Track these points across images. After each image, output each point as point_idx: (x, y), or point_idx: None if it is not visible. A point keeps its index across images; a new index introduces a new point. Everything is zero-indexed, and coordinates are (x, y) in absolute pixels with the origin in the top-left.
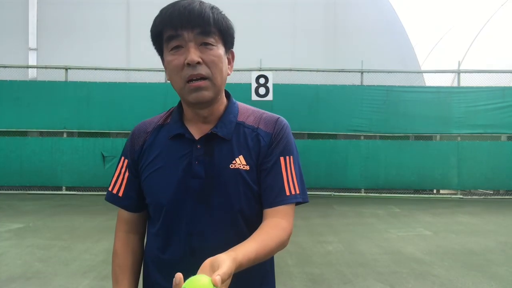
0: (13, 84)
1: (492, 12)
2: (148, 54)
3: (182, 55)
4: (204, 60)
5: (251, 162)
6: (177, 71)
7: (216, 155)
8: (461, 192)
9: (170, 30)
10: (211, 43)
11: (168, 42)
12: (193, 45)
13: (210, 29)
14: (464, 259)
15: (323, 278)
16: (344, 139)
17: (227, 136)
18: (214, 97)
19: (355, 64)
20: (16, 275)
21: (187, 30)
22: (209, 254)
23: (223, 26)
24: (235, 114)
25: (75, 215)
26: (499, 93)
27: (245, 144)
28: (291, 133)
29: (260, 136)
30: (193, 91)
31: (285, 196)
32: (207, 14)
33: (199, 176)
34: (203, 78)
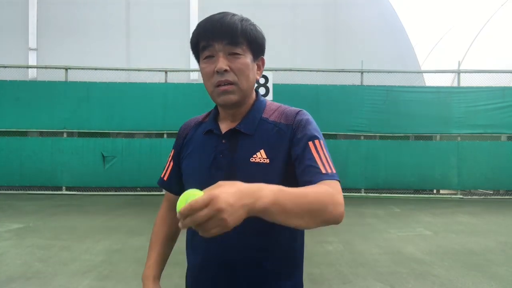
0: (13, 84)
1: (492, 12)
2: (148, 54)
3: (213, 63)
4: (231, 68)
5: (272, 155)
6: (208, 77)
7: (239, 149)
8: (461, 192)
9: (203, 41)
10: (239, 53)
11: (202, 52)
12: (222, 54)
13: (237, 40)
14: (464, 259)
15: (323, 278)
16: (344, 139)
17: (250, 132)
18: (239, 100)
19: (355, 64)
20: (16, 275)
21: (217, 41)
22: (229, 238)
23: (250, 37)
24: (260, 111)
25: (75, 215)
26: (499, 93)
27: (267, 139)
28: (314, 122)
29: (281, 130)
30: (221, 95)
31: (321, 174)
32: (235, 26)
33: (222, 168)
34: (230, 84)
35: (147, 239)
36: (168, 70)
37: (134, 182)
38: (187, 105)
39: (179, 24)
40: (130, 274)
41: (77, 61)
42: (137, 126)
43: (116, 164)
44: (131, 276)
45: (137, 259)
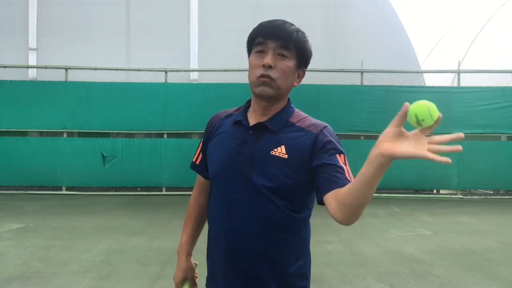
0: (13, 84)
1: (492, 12)
2: (148, 54)
3: (262, 58)
4: (276, 66)
5: (291, 153)
6: (254, 68)
7: (262, 142)
8: (461, 192)
9: (260, 37)
10: (286, 56)
11: (256, 46)
12: (272, 52)
13: (289, 45)
14: (464, 259)
15: (323, 278)
16: (344, 139)
17: (275, 129)
18: (274, 95)
19: (355, 64)
20: (16, 275)
21: (271, 40)
22: (242, 218)
23: (301, 46)
24: (289, 115)
25: (75, 215)
26: (499, 93)
27: (290, 139)
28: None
29: (306, 135)
30: (260, 85)
31: (348, 181)
32: (291, 33)
33: (244, 156)
34: (271, 79)
35: (147, 239)
36: (168, 70)
37: (134, 182)
38: (187, 105)
39: (179, 24)
40: (130, 274)
41: (77, 61)
42: (137, 126)
43: (116, 164)
44: (131, 276)
45: (137, 259)
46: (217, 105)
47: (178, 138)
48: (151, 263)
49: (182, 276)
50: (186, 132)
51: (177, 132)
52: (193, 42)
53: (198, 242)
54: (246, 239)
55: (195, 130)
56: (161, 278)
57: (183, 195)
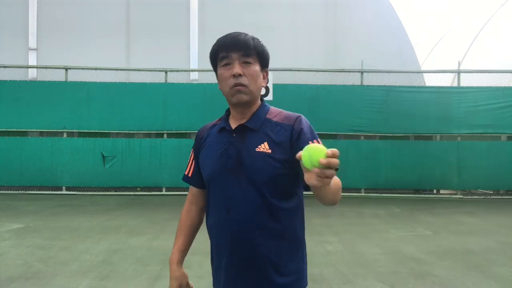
0: (13, 84)
1: (492, 12)
2: (148, 54)
3: (230, 70)
4: (244, 73)
5: (274, 147)
6: (225, 80)
7: (247, 141)
8: (461, 192)
9: (223, 52)
10: (250, 62)
11: (221, 61)
12: (238, 62)
13: (250, 52)
14: (464, 259)
15: (323, 278)
16: (344, 139)
17: (255, 128)
18: (249, 100)
19: (355, 64)
20: (16, 275)
21: (234, 52)
22: (240, 213)
23: (260, 51)
24: (265, 112)
25: (75, 215)
26: (499, 93)
27: (270, 134)
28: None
29: (282, 129)
30: (235, 94)
31: None
32: (249, 42)
33: (232, 157)
34: (243, 85)
35: (147, 239)
36: (168, 70)
37: (134, 182)
38: (187, 105)
39: (179, 24)
40: (130, 274)
41: (77, 61)
42: (137, 126)
43: (116, 164)
44: (131, 276)
45: (137, 259)
46: (217, 105)
47: (178, 138)
48: (151, 263)
49: (176, 284)
50: (186, 132)
51: (177, 132)
52: (193, 42)
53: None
54: (245, 231)
55: (195, 130)
56: (161, 278)
57: (183, 195)
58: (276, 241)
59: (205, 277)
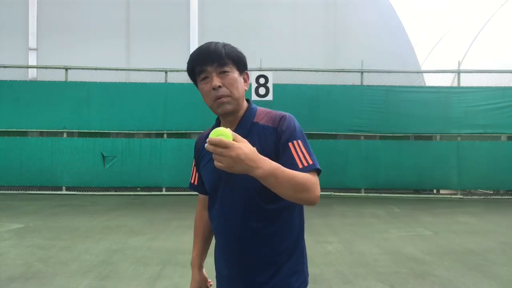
0: (13, 84)
1: (492, 12)
2: (148, 54)
3: (209, 83)
4: (223, 84)
5: (262, 152)
6: (207, 95)
7: None
8: (461, 192)
9: (198, 66)
10: (227, 70)
11: (198, 75)
12: (215, 74)
13: (224, 61)
14: (464, 259)
15: (323, 278)
16: (344, 139)
17: (244, 134)
18: (234, 108)
19: (355, 64)
20: (16, 275)
21: (209, 65)
22: (236, 220)
23: (234, 57)
24: (252, 116)
25: (75, 215)
26: (499, 93)
27: (258, 139)
28: (297, 124)
29: (268, 132)
30: (220, 106)
31: (298, 169)
32: (220, 51)
33: None
34: (225, 96)
35: (147, 239)
36: (168, 70)
37: (134, 182)
38: (187, 105)
39: (179, 24)
40: (130, 274)
41: (77, 61)
42: (137, 126)
43: (116, 164)
44: (131, 276)
45: (137, 259)
46: None
47: (178, 138)
48: (151, 263)
49: (197, 286)
50: (186, 132)
51: (177, 132)
52: (193, 42)
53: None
54: (242, 238)
55: (195, 130)
56: (161, 278)
57: (183, 195)
58: (273, 243)
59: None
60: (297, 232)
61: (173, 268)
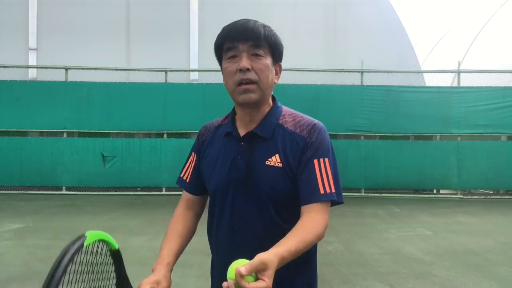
0: (13, 84)
1: (492, 12)
2: (148, 54)
3: (236, 63)
4: (253, 68)
5: (285, 161)
6: (230, 76)
7: (256, 152)
8: (461, 192)
9: (228, 42)
10: (261, 55)
11: (226, 53)
12: (245, 55)
13: (260, 43)
14: (464, 259)
15: (323, 278)
16: (344, 139)
17: (266, 136)
18: (259, 99)
19: (355, 64)
20: (16, 275)
21: (241, 42)
22: (246, 232)
23: (272, 41)
24: (277, 116)
25: (75, 215)
26: (499, 93)
27: (282, 144)
28: (329, 137)
29: (296, 140)
30: (242, 93)
31: (319, 194)
32: (259, 31)
33: (240, 169)
34: (251, 83)
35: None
36: (168, 70)
37: (134, 182)
38: (187, 105)
39: (179, 24)
40: (130, 274)
41: (77, 61)
42: (137, 126)
43: (116, 164)
44: (131, 276)
45: (137, 259)
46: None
47: (178, 138)
48: (151, 263)
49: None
50: (186, 132)
51: (177, 132)
52: (193, 42)
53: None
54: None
55: (195, 130)
56: None
57: None
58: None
59: (204, 277)
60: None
61: (173, 268)
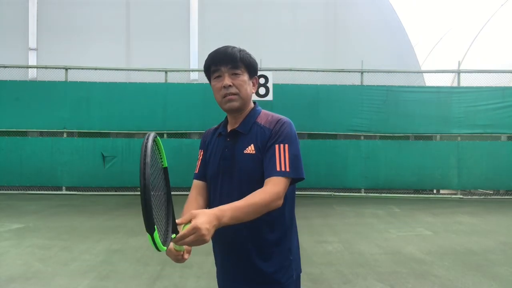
0: (13, 84)
1: (492, 12)
2: (148, 54)
3: (221, 81)
4: (234, 84)
5: (257, 149)
6: (217, 91)
7: (238, 144)
8: (461, 192)
9: (213, 66)
10: (239, 73)
11: (213, 74)
12: (227, 74)
13: (237, 64)
14: (464, 259)
15: (323, 278)
16: (344, 139)
17: (245, 131)
18: (240, 106)
19: (355, 64)
20: (16, 275)
21: (223, 65)
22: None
23: (247, 62)
24: (255, 116)
25: (75, 215)
26: (499, 93)
27: (255, 137)
28: (293, 130)
29: (265, 132)
30: (227, 102)
31: (275, 171)
32: (235, 55)
33: (227, 158)
34: (233, 94)
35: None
36: (168, 70)
37: (134, 182)
38: (187, 105)
39: (179, 24)
40: (130, 274)
41: (77, 61)
42: (137, 126)
43: (116, 164)
44: (131, 276)
45: (137, 259)
46: (217, 105)
47: (178, 138)
48: (151, 263)
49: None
50: (186, 132)
51: (177, 132)
52: (193, 42)
53: None
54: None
55: (195, 130)
56: (161, 278)
57: (183, 195)
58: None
59: (204, 277)
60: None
61: (173, 268)
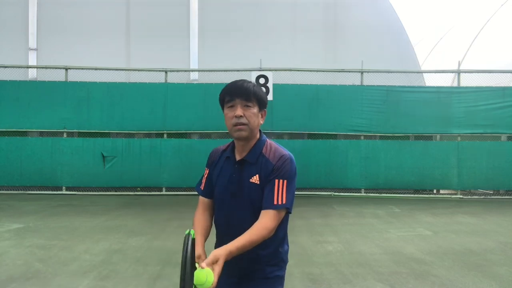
0: (13, 84)
1: (492, 12)
2: (148, 54)
3: (233, 111)
4: (245, 115)
5: (260, 180)
6: (229, 119)
7: (244, 172)
8: (461, 192)
9: (228, 96)
10: (250, 106)
11: (227, 103)
12: (240, 106)
13: (250, 98)
14: (464, 259)
15: (323, 278)
16: (344, 139)
17: (252, 161)
18: (248, 135)
19: (355, 64)
20: (16, 275)
21: (237, 97)
22: (236, 224)
23: (258, 97)
24: (261, 147)
25: (75, 215)
26: (499, 93)
27: (260, 168)
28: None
29: (268, 166)
30: (237, 131)
31: (272, 204)
32: (249, 90)
33: (234, 183)
34: (243, 124)
35: (147, 239)
36: (168, 70)
37: (134, 182)
38: (187, 105)
39: (179, 24)
40: (130, 274)
41: (77, 61)
42: (137, 126)
43: (116, 164)
44: (131, 276)
45: (137, 259)
46: (217, 105)
47: (178, 138)
48: (151, 263)
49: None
50: (186, 132)
51: (177, 132)
52: (193, 42)
53: None
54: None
55: (195, 130)
56: (161, 278)
57: (183, 195)
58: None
59: None
60: (278, 243)
61: (173, 268)
